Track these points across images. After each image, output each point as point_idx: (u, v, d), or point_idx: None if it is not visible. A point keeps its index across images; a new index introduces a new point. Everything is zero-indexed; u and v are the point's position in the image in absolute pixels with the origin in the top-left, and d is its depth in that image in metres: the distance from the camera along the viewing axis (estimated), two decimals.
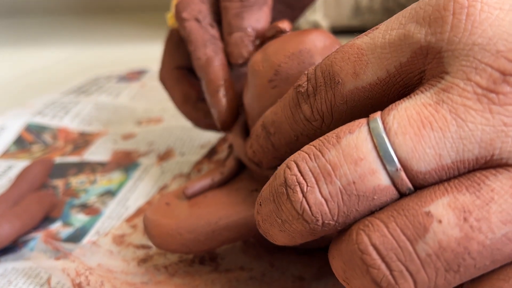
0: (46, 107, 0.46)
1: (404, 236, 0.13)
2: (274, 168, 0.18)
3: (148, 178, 0.34)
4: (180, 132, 0.40)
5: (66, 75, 0.59)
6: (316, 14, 0.59)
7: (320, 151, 0.14)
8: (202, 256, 0.24)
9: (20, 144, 0.40)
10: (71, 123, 0.44)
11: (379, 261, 0.13)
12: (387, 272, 0.13)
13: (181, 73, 0.30)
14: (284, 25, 0.24)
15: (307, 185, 0.14)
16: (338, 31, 0.59)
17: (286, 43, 0.22)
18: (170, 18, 0.30)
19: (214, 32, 0.27)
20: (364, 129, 0.14)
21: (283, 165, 0.15)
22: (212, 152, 0.33)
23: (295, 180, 0.14)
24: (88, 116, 0.45)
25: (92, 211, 0.30)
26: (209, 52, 0.25)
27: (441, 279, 0.13)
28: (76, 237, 0.28)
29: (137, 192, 0.32)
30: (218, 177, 0.23)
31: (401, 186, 0.14)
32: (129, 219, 0.27)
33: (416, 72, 0.15)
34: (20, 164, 0.37)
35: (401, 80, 0.15)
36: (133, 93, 0.50)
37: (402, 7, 0.59)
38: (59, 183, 0.34)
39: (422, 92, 0.14)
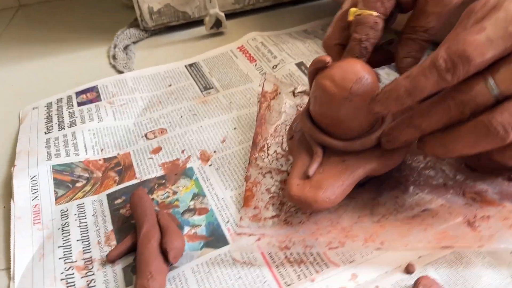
0: (47, 148, 0.50)
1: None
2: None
3: (210, 176, 0.45)
4: (192, 134, 0.51)
5: None
6: (216, 8, 0.70)
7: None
8: None
9: (62, 186, 0.45)
10: (87, 154, 0.49)
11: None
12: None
13: (341, 48, 0.43)
14: (328, 59, 0.38)
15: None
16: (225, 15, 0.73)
17: (345, 72, 0.36)
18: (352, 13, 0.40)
19: None
20: (485, 81, 0.31)
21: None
22: (254, 145, 0.45)
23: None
24: (95, 144, 0.51)
25: (202, 210, 0.41)
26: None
27: None
28: (216, 228, 0.39)
29: (216, 188, 0.43)
30: (319, 159, 0.38)
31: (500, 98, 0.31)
32: (245, 205, 0.40)
33: None
34: (88, 200, 0.43)
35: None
36: (111, 114, 0.56)
37: None
38: None
39: None
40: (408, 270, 0.34)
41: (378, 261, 0.35)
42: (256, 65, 0.62)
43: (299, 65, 0.60)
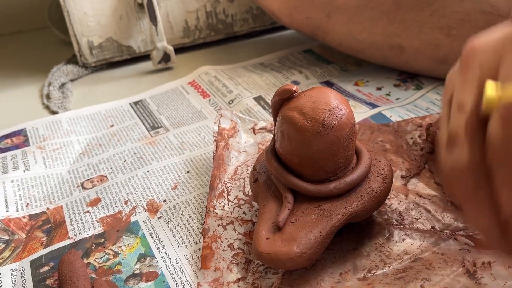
0: None
1: None
2: None
3: (160, 230, 0.37)
4: (138, 181, 0.43)
5: None
6: (163, 41, 0.65)
7: None
8: None
9: None
10: (8, 211, 0.41)
11: None
12: None
13: None
14: (294, 88, 0.33)
15: None
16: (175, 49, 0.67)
17: (316, 103, 0.31)
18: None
19: None
20: None
21: None
22: (212, 190, 0.39)
23: None
24: (18, 197, 0.42)
25: (150, 275, 0.33)
26: None
27: None
28: None
29: (167, 246, 0.36)
30: (291, 206, 0.32)
31: None
32: (203, 266, 0.33)
33: None
34: (5, 270, 0.35)
35: None
36: (40, 161, 0.47)
37: (221, 21, 0.70)
38: None
39: None
40: None
41: None
42: (210, 100, 0.56)
43: (258, 99, 0.54)
